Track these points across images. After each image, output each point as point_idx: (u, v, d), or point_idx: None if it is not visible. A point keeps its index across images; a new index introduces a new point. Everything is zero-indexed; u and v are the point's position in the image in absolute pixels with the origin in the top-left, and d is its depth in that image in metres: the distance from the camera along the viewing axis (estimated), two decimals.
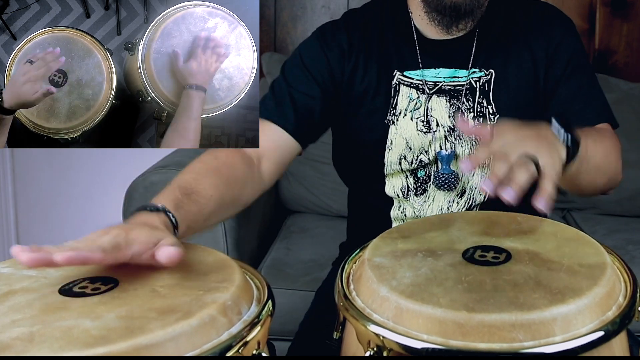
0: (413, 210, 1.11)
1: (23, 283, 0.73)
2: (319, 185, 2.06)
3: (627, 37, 2.26)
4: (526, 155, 0.75)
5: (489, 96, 1.08)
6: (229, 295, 0.69)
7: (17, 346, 0.59)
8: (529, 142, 0.77)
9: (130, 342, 0.59)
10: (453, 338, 0.65)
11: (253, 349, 0.67)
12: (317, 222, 2.02)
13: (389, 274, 0.74)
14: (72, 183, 2.35)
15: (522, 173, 0.73)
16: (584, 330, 0.65)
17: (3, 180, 2.35)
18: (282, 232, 1.98)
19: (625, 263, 0.79)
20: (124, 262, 0.72)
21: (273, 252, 1.82)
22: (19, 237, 2.40)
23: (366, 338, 0.68)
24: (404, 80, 1.10)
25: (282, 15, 2.30)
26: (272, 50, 2.29)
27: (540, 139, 0.79)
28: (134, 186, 1.60)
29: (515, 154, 0.75)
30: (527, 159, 0.75)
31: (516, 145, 0.76)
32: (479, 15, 1.08)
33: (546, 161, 0.76)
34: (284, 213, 2.13)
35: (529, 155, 0.75)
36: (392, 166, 1.10)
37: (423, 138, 1.09)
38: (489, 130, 0.81)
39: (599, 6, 2.24)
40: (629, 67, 2.27)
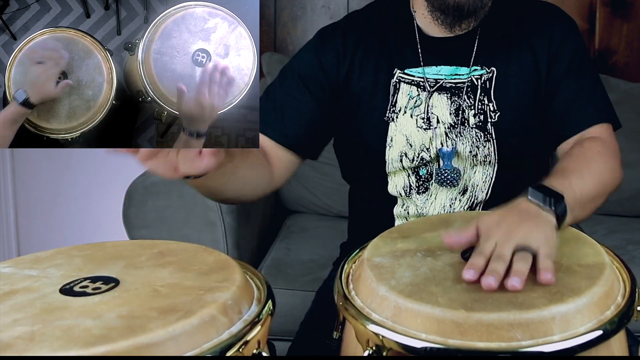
0: (416, 208, 1.12)
1: (24, 283, 0.74)
2: (319, 185, 2.06)
3: (627, 37, 2.26)
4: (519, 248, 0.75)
5: (490, 94, 1.09)
6: (230, 295, 0.69)
7: (18, 345, 0.60)
8: (517, 234, 0.76)
9: (131, 341, 0.60)
10: (451, 337, 0.65)
11: (253, 349, 0.67)
12: (317, 222, 2.02)
13: (388, 273, 0.74)
14: (72, 183, 2.35)
15: (521, 265, 0.73)
16: (582, 329, 0.66)
17: (3, 180, 2.35)
18: (282, 232, 1.98)
19: (624, 263, 0.79)
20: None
21: (273, 252, 1.82)
22: (19, 237, 2.40)
23: (365, 337, 0.69)
24: (404, 78, 1.11)
25: (282, 15, 2.30)
26: (272, 50, 2.29)
27: (526, 222, 0.78)
28: (134, 186, 1.60)
29: (508, 252, 0.74)
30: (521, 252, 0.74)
31: (506, 243, 0.75)
32: (482, 15, 1.08)
33: (539, 243, 0.75)
34: (284, 213, 2.13)
35: (522, 247, 0.75)
36: (393, 163, 1.10)
37: (423, 135, 1.09)
38: (473, 230, 0.80)
39: (599, 6, 2.24)
40: (629, 67, 2.27)
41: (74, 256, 0.82)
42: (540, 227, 0.78)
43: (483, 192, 1.10)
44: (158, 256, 0.80)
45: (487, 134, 1.08)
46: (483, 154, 1.08)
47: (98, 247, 0.85)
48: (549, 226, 0.79)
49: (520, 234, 0.76)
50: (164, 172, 0.82)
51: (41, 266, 0.78)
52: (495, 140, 1.08)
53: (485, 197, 1.10)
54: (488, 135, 1.08)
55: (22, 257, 0.82)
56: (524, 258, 0.73)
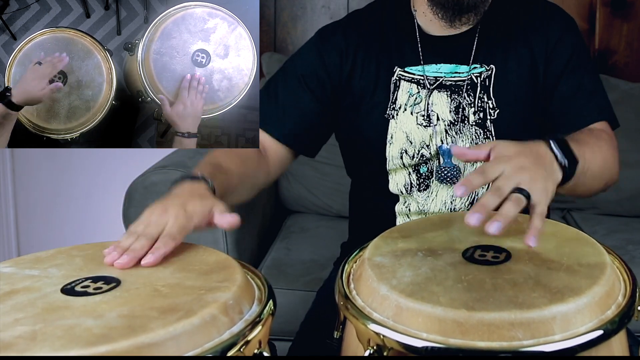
0: (417, 205, 1.12)
1: (25, 282, 0.73)
2: (319, 185, 2.06)
3: (627, 37, 2.26)
4: (519, 188, 0.75)
5: (490, 91, 1.09)
6: (231, 295, 0.69)
7: (19, 344, 0.60)
8: (524, 174, 0.76)
9: (131, 340, 0.60)
10: (453, 336, 0.65)
11: (254, 348, 0.67)
12: (317, 222, 2.02)
13: (389, 273, 0.74)
14: (72, 183, 2.35)
15: (512, 208, 0.73)
16: (583, 329, 0.66)
17: (3, 180, 2.35)
18: (282, 232, 1.98)
19: (625, 263, 0.79)
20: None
21: (273, 252, 1.82)
22: (19, 237, 2.40)
23: (366, 337, 0.69)
24: (404, 76, 1.12)
25: (282, 15, 2.30)
26: (272, 50, 2.29)
27: (536, 169, 0.78)
28: (134, 186, 1.60)
29: (508, 188, 0.74)
30: (519, 194, 0.74)
31: (511, 178, 0.75)
32: (482, 10, 1.09)
33: (539, 198, 0.75)
34: (284, 213, 2.13)
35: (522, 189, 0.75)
36: (393, 161, 1.11)
37: (423, 132, 1.10)
38: (486, 150, 0.80)
39: (599, 6, 2.24)
40: (629, 67, 2.27)
41: (75, 256, 0.82)
42: (548, 179, 0.79)
43: (483, 188, 1.10)
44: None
45: (487, 131, 1.09)
46: None
47: (99, 247, 0.84)
48: (554, 181, 0.80)
49: (528, 175, 0.76)
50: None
51: (42, 266, 0.78)
52: (494, 137, 1.09)
53: None
54: (487, 133, 1.09)
55: (22, 257, 0.82)
56: (517, 203, 0.73)
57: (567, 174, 0.83)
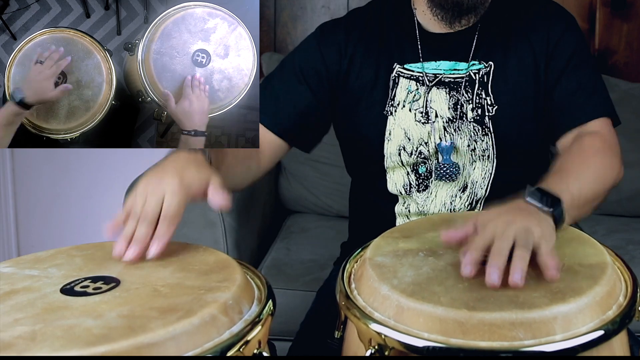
0: (417, 206, 1.12)
1: (25, 282, 0.73)
2: (319, 185, 2.06)
3: (627, 37, 2.26)
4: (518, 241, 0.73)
5: (488, 88, 1.10)
6: (230, 295, 0.69)
7: (19, 345, 0.59)
8: (515, 225, 0.74)
9: (131, 340, 0.60)
10: (454, 336, 0.65)
11: (254, 348, 0.67)
12: (317, 222, 2.02)
13: (390, 272, 0.74)
14: (72, 183, 2.35)
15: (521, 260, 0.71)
16: (584, 329, 0.66)
17: (3, 180, 2.35)
18: (282, 232, 1.98)
19: (626, 263, 0.79)
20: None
21: (273, 252, 1.82)
22: (19, 237, 2.40)
23: (367, 336, 0.69)
24: (403, 73, 1.12)
25: (282, 15, 2.30)
26: (272, 50, 2.29)
27: (524, 218, 0.77)
28: None
29: (507, 245, 0.72)
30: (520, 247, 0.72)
31: (505, 234, 0.73)
32: (481, 11, 1.10)
33: (539, 237, 0.74)
34: (284, 213, 2.13)
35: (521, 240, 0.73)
36: (391, 158, 1.11)
37: (421, 129, 1.10)
38: (471, 227, 0.78)
39: (599, 6, 2.24)
40: (629, 67, 2.27)
41: (75, 256, 0.82)
42: (541, 223, 0.77)
43: (482, 188, 1.10)
44: (158, 256, 0.80)
45: (485, 127, 1.09)
46: (481, 148, 1.09)
47: (98, 247, 0.84)
48: (549, 224, 0.79)
49: (519, 225, 0.75)
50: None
51: (42, 266, 0.78)
52: (493, 133, 1.08)
53: (485, 194, 1.10)
54: (486, 129, 1.09)
55: (22, 257, 0.82)
56: (523, 254, 0.72)
57: (556, 216, 0.81)
